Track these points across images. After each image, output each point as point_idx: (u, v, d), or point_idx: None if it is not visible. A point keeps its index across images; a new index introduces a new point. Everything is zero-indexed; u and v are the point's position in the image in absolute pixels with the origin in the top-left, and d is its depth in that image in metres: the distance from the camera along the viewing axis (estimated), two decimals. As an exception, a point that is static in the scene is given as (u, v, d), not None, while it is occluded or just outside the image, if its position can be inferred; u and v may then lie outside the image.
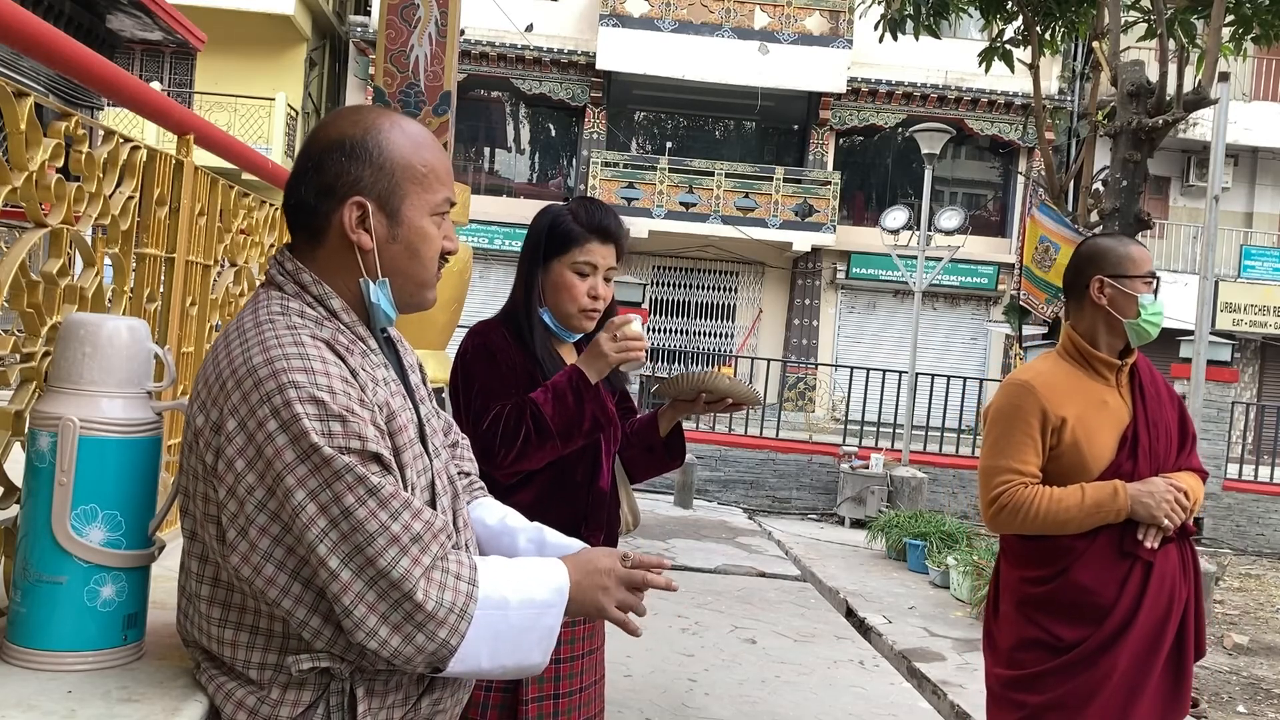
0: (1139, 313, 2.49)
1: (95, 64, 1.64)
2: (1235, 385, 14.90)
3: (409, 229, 1.41)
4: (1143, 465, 2.47)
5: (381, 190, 1.38)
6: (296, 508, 1.24)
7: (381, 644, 1.26)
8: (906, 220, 13.40)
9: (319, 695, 1.33)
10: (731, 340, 19.73)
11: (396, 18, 5.17)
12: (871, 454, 12.22)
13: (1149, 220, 7.97)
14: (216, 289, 2.31)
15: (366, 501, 1.25)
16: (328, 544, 1.24)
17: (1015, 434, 2.48)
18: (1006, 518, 2.48)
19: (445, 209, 1.45)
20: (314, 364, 1.28)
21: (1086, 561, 2.44)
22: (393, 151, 1.39)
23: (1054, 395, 2.48)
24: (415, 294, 1.45)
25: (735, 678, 5.42)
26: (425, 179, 1.41)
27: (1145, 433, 2.50)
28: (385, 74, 5.22)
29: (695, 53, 18.26)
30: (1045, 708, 2.44)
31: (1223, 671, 6.40)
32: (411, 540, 1.27)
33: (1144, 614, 2.42)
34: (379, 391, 1.35)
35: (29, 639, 1.38)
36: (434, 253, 1.44)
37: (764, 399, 2.89)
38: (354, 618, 1.25)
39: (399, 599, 1.25)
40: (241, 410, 1.26)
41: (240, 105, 17.16)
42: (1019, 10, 9.01)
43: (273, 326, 1.31)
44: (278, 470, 1.24)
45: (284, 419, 1.24)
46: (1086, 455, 2.45)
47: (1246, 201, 20.00)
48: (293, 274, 1.39)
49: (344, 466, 1.24)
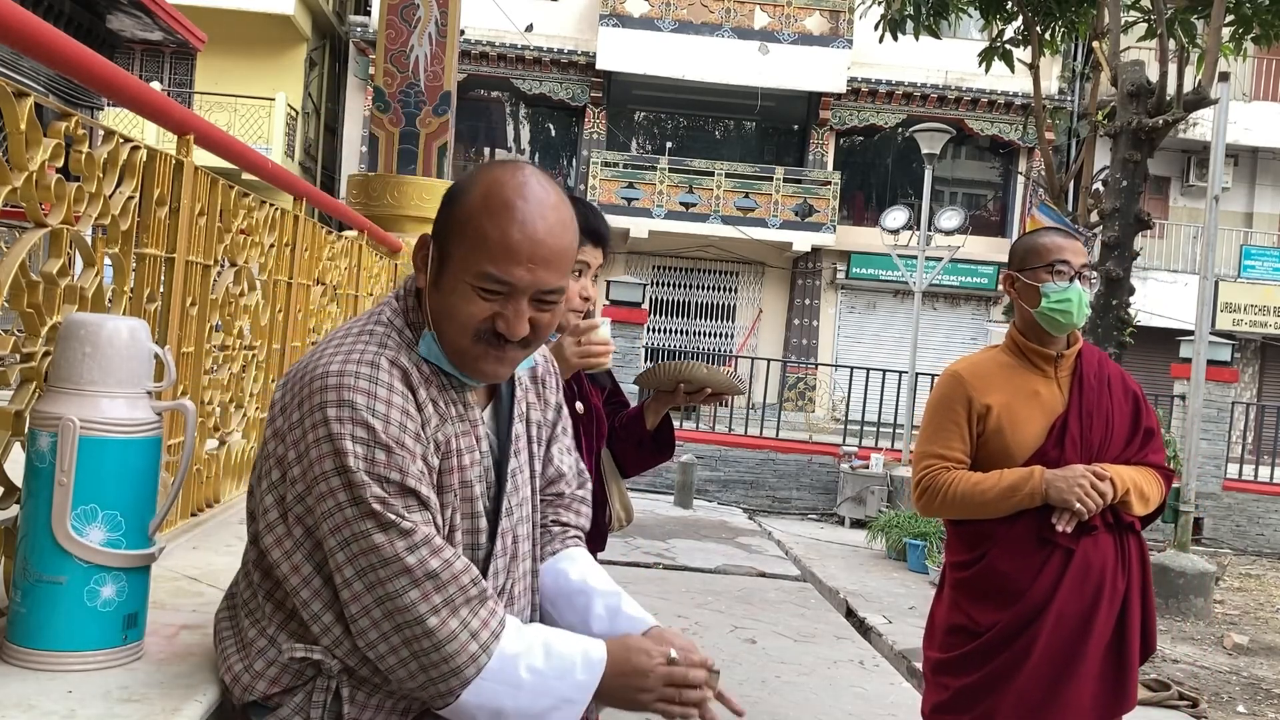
0: (1041, 302, 2.55)
1: (95, 64, 1.64)
2: (1235, 385, 14.90)
3: (446, 284, 1.37)
4: (1070, 454, 2.50)
5: (443, 237, 1.38)
6: (323, 515, 1.31)
7: (379, 658, 1.31)
8: (906, 220, 13.39)
9: (299, 684, 1.37)
10: (731, 340, 19.73)
11: (396, 18, 5.17)
12: (871, 454, 12.22)
13: (1149, 220, 7.98)
14: (216, 289, 2.31)
15: (389, 529, 1.29)
16: (346, 554, 1.30)
17: (943, 421, 2.59)
18: (927, 500, 2.59)
19: (487, 284, 1.34)
20: (379, 389, 1.32)
21: (1005, 547, 2.52)
22: (464, 202, 1.37)
23: (980, 384, 2.57)
24: (457, 358, 1.39)
25: (735, 678, 5.41)
26: (473, 244, 1.34)
27: (1077, 423, 2.53)
28: (385, 74, 5.22)
29: (695, 53, 18.25)
30: (965, 690, 2.52)
31: (1223, 671, 6.40)
32: (426, 576, 1.29)
33: (1062, 600, 2.46)
34: (444, 428, 1.38)
35: (29, 639, 1.38)
36: (462, 321, 1.35)
37: (746, 388, 2.91)
38: (359, 626, 1.31)
39: (401, 626, 1.29)
40: (305, 406, 1.32)
41: (240, 105, 17.16)
42: (1019, 10, 9.02)
43: (369, 338, 1.37)
44: (315, 475, 1.30)
45: (332, 432, 1.29)
46: (1010, 442, 2.53)
47: (1246, 201, 19.99)
48: (406, 293, 1.45)
49: (373, 496, 1.28)
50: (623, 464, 2.52)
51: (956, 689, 2.55)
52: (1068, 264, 2.54)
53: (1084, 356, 2.62)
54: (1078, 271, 2.55)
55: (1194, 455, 8.20)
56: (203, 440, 2.37)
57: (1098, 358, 2.66)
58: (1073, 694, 2.45)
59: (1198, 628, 7.55)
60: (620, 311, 11.98)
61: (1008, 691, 2.46)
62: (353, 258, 3.89)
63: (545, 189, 1.37)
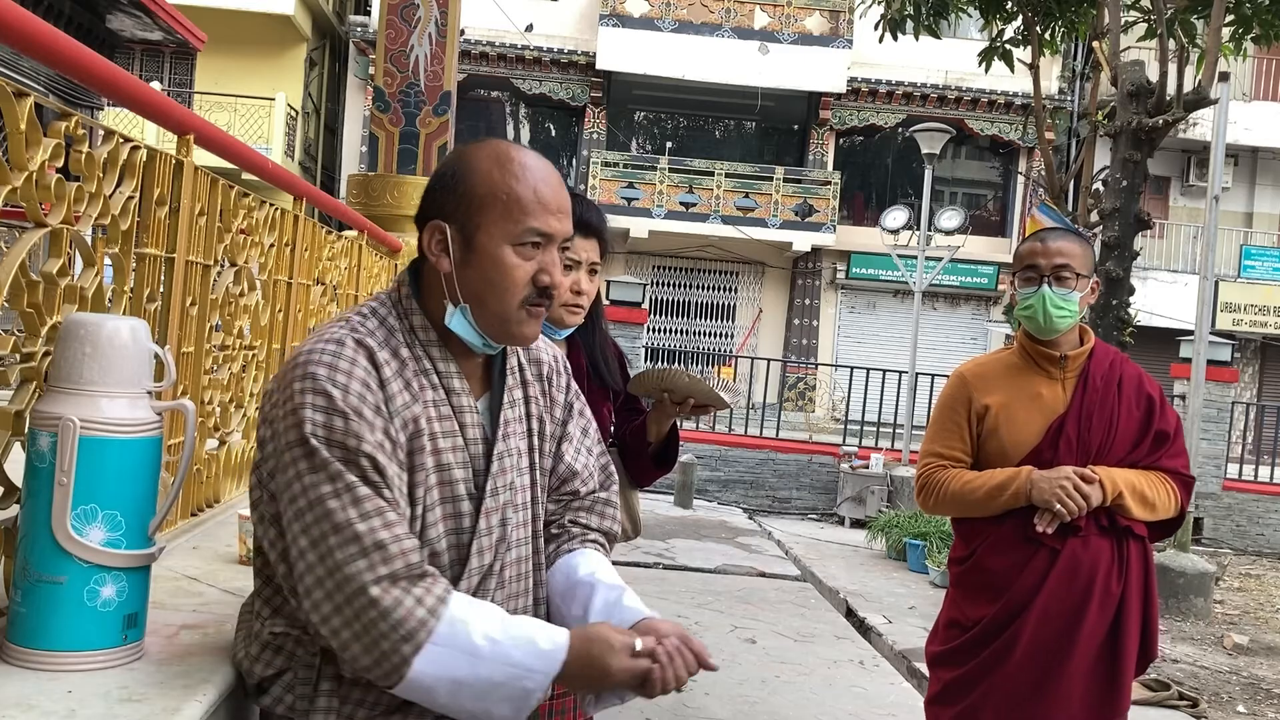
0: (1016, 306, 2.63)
1: (95, 64, 1.64)
2: (1235, 385, 14.90)
3: (483, 256, 1.42)
4: (1064, 456, 2.51)
5: (460, 216, 1.43)
6: (285, 484, 1.35)
7: (333, 633, 1.31)
8: (906, 220, 13.39)
9: (287, 665, 1.41)
10: (731, 340, 19.72)
11: (396, 18, 5.17)
12: (871, 454, 12.23)
13: (1149, 220, 7.98)
14: (216, 289, 2.31)
15: (341, 495, 1.31)
16: (301, 524, 1.32)
17: (945, 421, 2.67)
18: (925, 497, 2.67)
19: (531, 239, 1.42)
20: (341, 363, 1.36)
21: (994, 544, 2.57)
22: (475, 179, 1.43)
23: (981, 384, 2.63)
24: (498, 325, 1.45)
25: (735, 678, 5.41)
26: (506, 207, 1.41)
27: (1075, 425, 2.54)
28: (385, 74, 5.22)
29: (695, 53, 18.25)
30: (955, 682, 2.58)
31: (1223, 671, 6.40)
32: (375, 546, 1.30)
33: (1045, 598, 2.48)
34: (412, 407, 1.41)
35: (29, 639, 1.38)
36: (514, 283, 1.42)
37: (733, 402, 2.83)
38: (313, 598, 1.31)
39: (350, 595, 1.29)
40: (279, 384, 1.39)
41: (240, 105, 17.16)
42: (1019, 10, 9.02)
43: (340, 325, 1.42)
44: (281, 446, 1.35)
45: (296, 404, 1.34)
46: (1006, 442, 2.57)
47: (1246, 201, 19.99)
48: (398, 284, 1.50)
49: (326, 459, 1.32)
50: (631, 475, 2.48)
51: (947, 681, 2.61)
52: (1035, 268, 2.57)
53: (1094, 357, 2.61)
54: (1048, 274, 2.54)
55: (1194, 455, 8.21)
56: (203, 440, 2.37)
57: (1111, 359, 2.64)
58: (1059, 693, 2.46)
59: (1198, 628, 7.55)
60: (620, 311, 11.99)
61: (992, 686, 2.50)
62: (353, 258, 3.89)
63: (530, 152, 1.49)
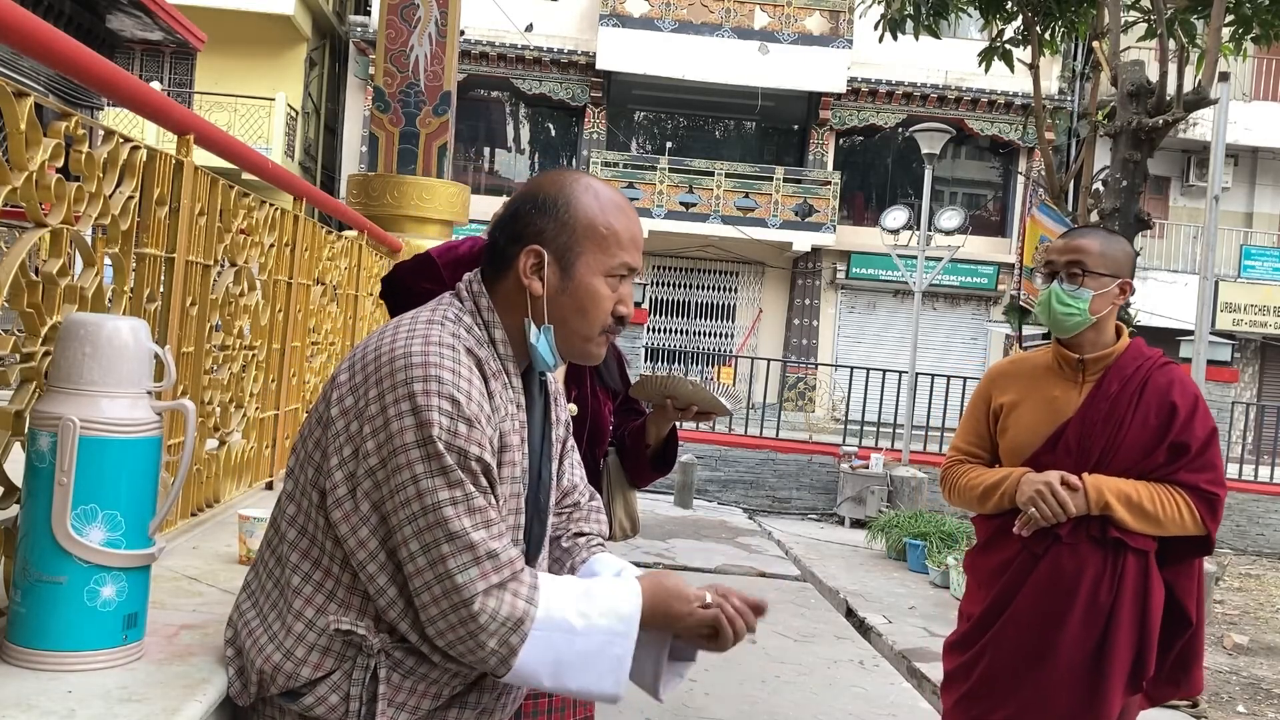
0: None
1: (95, 64, 1.64)
2: (1235, 385, 14.91)
3: (580, 285, 1.49)
4: (1062, 461, 2.49)
5: (560, 245, 1.49)
6: (400, 485, 1.35)
7: (439, 633, 1.36)
8: (906, 220, 13.38)
9: (339, 664, 1.41)
10: (731, 340, 19.72)
11: (396, 18, 5.17)
12: (871, 454, 12.22)
13: (1149, 220, 7.97)
14: (216, 289, 2.31)
15: (459, 504, 1.35)
16: (414, 527, 1.35)
17: (970, 415, 2.75)
18: (943, 489, 2.76)
19: (621, 273, 1.52)
20: (461, 369, 1.41)
21: (987, 542, 2.64)
22: (578, 211, 1.49)
23: (1003, 382, 2.68)
24: (578, 346, 1.53)
25: (735, 678, 5.41)
26: (605, 241, 1.50)
27: (1076, 430, 2.50)
28: (385, 74, 5.22)
29: (695, 53, 18.24)
30: (953, 671, 2.67)
31: (1223, 671, 6.40)
32: (487, 555, 1.36)
33: (1021, 602, 2.50)
34: (504, 422, 1.46)
35: (29, 639, 1.38)
36: (602, 312, 1.51)
37: (735, 409, 2.85)
38: (421, 600, 1.36)
39: (457, 603, 1.34)
40: (386, 383, 1.38)
41: (240, 105, 17.15)
42: (1019, 10, 9.02)
43: (441, 327, 1.44)
44: (396, 446, 1.35)
45: (418, 404, 1.35)
46: (1013, 442, 2.60)
47: (1246, 201, 19.98)
48: (475, 295, 1.53)
49: (452, 465, 1.35)
50: (630, 475, 2.51)
51: (948, 670, 2.70)
52: (1051, 264, 2.58)
53: (1120, 361, 2.54)
54: (1061, 270, 2.53)
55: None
56: (203, 440, 2.37)
57: (1140, 363, 2.54)
58: (1033, 699, 2.46)
59: (1198, 628, 7.54)
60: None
61: (982, 677, 2.56)
62: (353, 258, 3.89)
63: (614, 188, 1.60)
